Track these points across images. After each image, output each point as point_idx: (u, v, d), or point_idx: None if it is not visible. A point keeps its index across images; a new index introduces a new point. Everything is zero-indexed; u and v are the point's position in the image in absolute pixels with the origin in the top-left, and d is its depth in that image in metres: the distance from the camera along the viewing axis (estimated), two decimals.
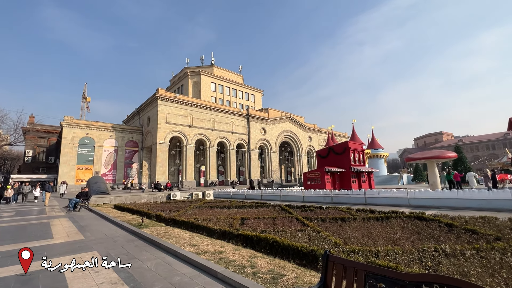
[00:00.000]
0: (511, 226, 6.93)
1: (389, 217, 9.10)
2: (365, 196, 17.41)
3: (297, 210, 11.87)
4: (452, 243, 5.33)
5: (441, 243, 5.39)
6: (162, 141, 44.10)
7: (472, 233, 6.19)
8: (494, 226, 6.99)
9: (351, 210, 11.06)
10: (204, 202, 17.32)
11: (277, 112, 65.96)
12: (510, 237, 5.57)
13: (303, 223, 8.10)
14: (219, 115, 53.51)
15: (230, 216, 10.59)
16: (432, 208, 14.00)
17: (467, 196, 13.70)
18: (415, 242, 5.68)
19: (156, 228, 8.38)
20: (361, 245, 5.55)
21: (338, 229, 7.44)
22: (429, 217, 8.57)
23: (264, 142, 60.96)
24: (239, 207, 14.47)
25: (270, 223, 8.54)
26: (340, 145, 26.41)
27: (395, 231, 7.14)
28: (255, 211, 12.10)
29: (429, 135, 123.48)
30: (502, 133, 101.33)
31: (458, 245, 4.99)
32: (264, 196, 24.76)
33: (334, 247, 5.24)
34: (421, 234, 6.76)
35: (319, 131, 77.23)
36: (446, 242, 5.48)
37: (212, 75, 70.48)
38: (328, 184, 22.88)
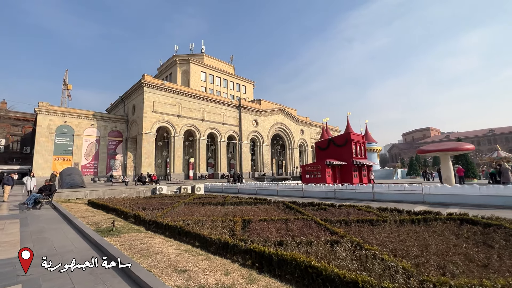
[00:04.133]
0: None
1: (427, 220, 7.35)
2: (374, 191, 15.82)
3: (307, 208, 10.00)
4: None
5: None
6: (148, 131, 41.19)
7: None
8: None
9: (372, 209, 9.29)
10: (194, 198, 15.20)
11: (269, 103, 63.86)
12: None
13: (327, 229, 6.19)
14: (209, 105, 50.85)
15: (228, 216, 8.57)
16: (451, 205, 12.53)
17: (491, 193, 12.26)
18: None
19: (130, 237, 6.23)
20: (439, 270, 3.69)
21: (376, 238, 5.60)
22: (478, 219, 6.87)
23: (256, 134, 58.92)
24: (235, 204, 12.46)
25: (283, 228, 6.58)
26: (341, 136, 24.77)
27: (454, 242, 5.37)
28: (257, 210, 10.13)
29: (418, 131, 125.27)
30: (487, 130, 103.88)
31: None
32: (259, 191, 22.86)
33: (406, 277, 3.33)
34: (495, 248, 5.00)
35: (312, 125, 75.91)
36: None
37: (202, 64, 67.19)
38: (328, 178, 21.25)
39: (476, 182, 24.39)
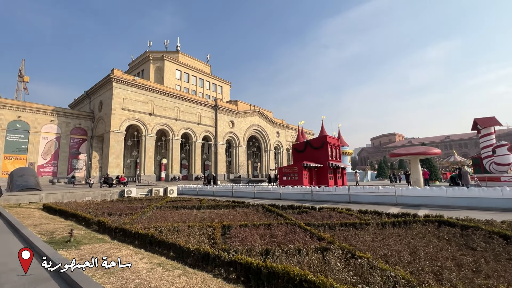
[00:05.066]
0: None
1: (407, 222, 7.40)
2: (349, 193, 16.09)
3: (288, 212, 9.68)
4: None
5: None
6: (117, 130, 38.53)
7: None
8: None
9: (352, 211, 9.24)
10: (167, 201, 14.21)
11: (246, 105, 63.55)
12: None
13: (314, 235, 5.88)
14: (184, 104, 49.11)
15: (206, 221, 7.94)
16: (422, 206, 13.11)
17: (456, 194, 13.03)
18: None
19: (92, 249, 5.36)
20: (436, 278, 3.51)
21: (364, 243, 5.41)
22: (455, 221, 7.05)
23: (232, 135, 58.18)
24: (212, 207, 11.80)
25: (266, 234, 6.15)
26: (318, 139, 25.12)
27: (439, 245, 5.35)
28: (236, 214, 9.60)
29: (384, 136, 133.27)
30: (443, 136, 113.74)
31: None
32: (236, 193, 22.28)
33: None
34: (477, 250, 5.04)
35: (287, 127, 76.98)
36: None
37: (178, 62, 64.97)
38: (305, 180, 21.35)
39: (438, 184, 26.18)
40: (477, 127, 23.02)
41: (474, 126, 23.63)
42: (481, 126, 22.46)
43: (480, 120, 22.54)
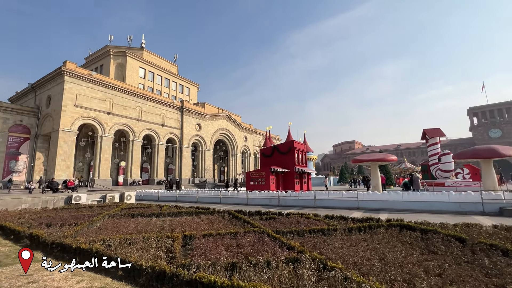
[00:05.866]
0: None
1: (371, 227, 7.51)
2: (315, 198, 16.32)
3: (255, 218, 9.28)
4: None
5: None
6: (68, 128, 34.64)
7: (504, 253, 4.89)
8: (500, 237, 6.04)
9: (319, 217, 9.20)
10: (122, 208, 12.85)
11: (214, 108, 62.36)
12: None
13: (283, 244, 5.55)
14: (147, 104, 46.32)
15: (165, 231, 7.16)
16: (381, 210, 13.74)
17: (411, 199, 13.94)
18: (475, 278, 3.84)
19: (13, 271, 4.30)
20: (409, 287, 3.38)
21: (334, 251, 5.23)
22: (415, 225, 7.33)
23: (199, 138, 56.42)
24: (173, 214, 10.90)
25: (233, 244, 5.64)
26: (285, 144, 25.36)
27: (404, 250, 5.40)
28: (199, 222, 8.91)
29: (345, 143, 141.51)
30: (396, 145, 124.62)
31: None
32: (200, 199, 21.29)
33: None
34: (439, 254, 5.18)
35: (255, 132, 77.32)
36: None
37: (142, 59, 61.37)
38: (272, 185, 21.27)
39: (393, 189, 28.19)
40: (425, 137, 25.39)
41: (423, 136, 26.02)
42: (429, 136, 24.81)
43: (428, 131, 24.90)
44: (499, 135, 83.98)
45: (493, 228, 7.05)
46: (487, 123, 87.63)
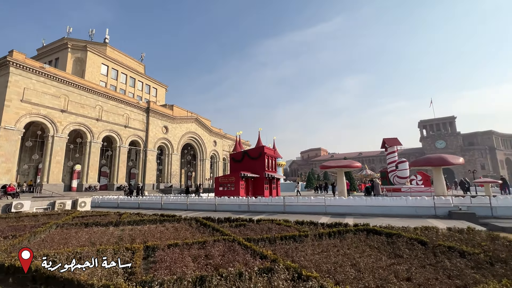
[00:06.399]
0: (465, 237, 6.62)
1: (341, 232, 7.62)
2: (284, 204, 16.39)
3: (225, 225, 8.89)
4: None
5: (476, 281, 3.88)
6: (11, 126, 30.59)
7: (461, 254, 5.21)
8: (455, 239, 6.49)
9: (290, 223, 9.12)
10: (74, 217, 11.47)
11: (183, 110, 60.42)
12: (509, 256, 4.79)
13: (255, 253, 5.29)
14: (109, 103, 43.12)
15: (124, 242, 6.44)
16: (347, 215, 14.24)
17: (374, 203, 14.69)
18: (440, 281, 3.97)
19: None
20: None
21: (306, 258, 5.12)
22: (380, 230, 7.59)
23: (165, 142, 53.96)
24: (135, 222, 9.99)
25: (201, 255, 5.22)
26: (255, 149, 25.30)
27: (373, 255, 5.50)
28: (164, 230, 8.24)
29: (312, 150, 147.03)
30: (357, 153, 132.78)
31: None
32: (166, 205, 20.11)
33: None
34: (404, 257, 5.35)
35: (225, 137, 76.46)
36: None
37: (105, 55, 57.37)
38: (242, 191, 20.95)
39: (356, 194, 29.70)
40: (385, 145, 27.33)
41: (383, 144, 27.99)
42: (388, 145, 26.75)
43: (388, 140, 26.84)
44: (444, 145, 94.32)
45: (447, 230, 7.60)
46: (434, 135, 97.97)
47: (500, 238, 6.41)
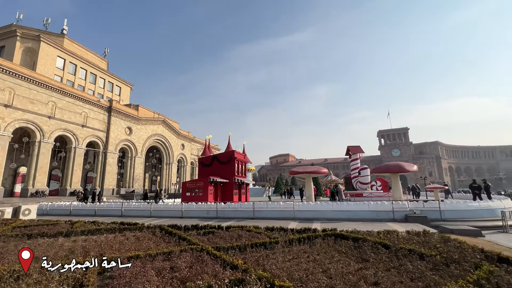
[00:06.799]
0: (422, 240, 7.10)
1: (310, 238, 7.68)
2: (254, 209, 16.26)
3: (192, 233, 8.43)
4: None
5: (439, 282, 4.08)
6: None
7: (420, 256, 5.53)
8: (414, 242, 6.92)
9: (260, 229, 8.98)
10: (15, 226, 10.01)
11: (149, 111, 57.54)
12: (459, 256, 5.19)
13: (226, 263, 5.03)
14: (64, 100, 39.33)
15: (76, 256, 5.69)
16: (315, 220, 14.58)
17: (339, 208, 15.27)
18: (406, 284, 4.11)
19: None
20: None
21: (278, 266, 5.00)
22: (347, 234, 7.83)
23: (128, 144, 50.71)
24: (89, 232, 9.03)
25: (166, 268, 4.80)
26: (225, 154, 24.89)
27: (342, 260, 5.59)
28: (124, 241, 7.53)
29: (280, 155, 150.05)
30: (323, 159, 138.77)
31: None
32: (127, 212, 18.69)
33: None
34: (370, 261, 5.53)
35: (193, 140, 74.43)
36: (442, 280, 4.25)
37: (61, 48, 52.48)
38: (210, 196, 20.36)
39: (322, 199, 30.76)
40: (349, 153, 28.86)
41: (347, 152, 29.53)
42: (352, 152, 28.30)
43: (352, 148, 28.40)
44: (399, 154, 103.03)
45: (407, 234, 8.10)
46: (391, 144, 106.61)
47: (452, 240, 7.00)
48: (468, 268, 4.66)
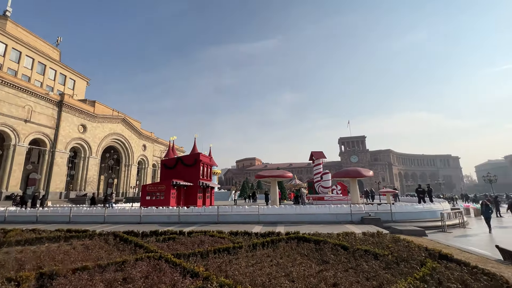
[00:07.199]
0: (376, 241, 7.59)
1: (274, 241, 7.73)
2: (218, 213, 15.91)
3: (151, 240, 7.90)
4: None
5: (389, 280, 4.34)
6: None
7: (375, 256, 5.88)
8: (369, 242, 7.35)
9: (224, 234, 8.79)
10: None
11: (107, 109, 53.28)
12: (412, 256, 5.63)
13: (186, 270, 4.76)
14: (3, 91, 34.54)
15: (7, 270, 4.89)
16: (279, 223, 14.76)
17: (302, 212, 15.72)
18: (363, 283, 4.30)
19: None
20: None
21: (241, 271, 4.89)
22: (309, 237, 8.05)
23: (82, 143, 46.24)
24: (27, 242, 7.91)
25: (119, 280, 4.36)
26: (190, 156, 24.07)
27: (304, 263, 5.70)
28: (70, 250, 6.73)
29: (247, 159, 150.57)
30: (288, 163, 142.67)
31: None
32: (76, 218, 16.91)
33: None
34: (330, 263, 5.73)
35: (156, 141, 70.78)
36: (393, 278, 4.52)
37: (3, 31, 46.13)
38: (173, 200, 19.43)
39: (286, 203, 31.47)
40: (312, 158, 30.10)
41: (311, 157, 30.77)
42: (315, 157, 29.56)
43: (315, 153, 29.67)
44: (357, 160, 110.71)
45: (363, 235, 8.63)
46: (350, 151, 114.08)
47: (401, 240, 7.61)
48: (415, 266, 5.07)
